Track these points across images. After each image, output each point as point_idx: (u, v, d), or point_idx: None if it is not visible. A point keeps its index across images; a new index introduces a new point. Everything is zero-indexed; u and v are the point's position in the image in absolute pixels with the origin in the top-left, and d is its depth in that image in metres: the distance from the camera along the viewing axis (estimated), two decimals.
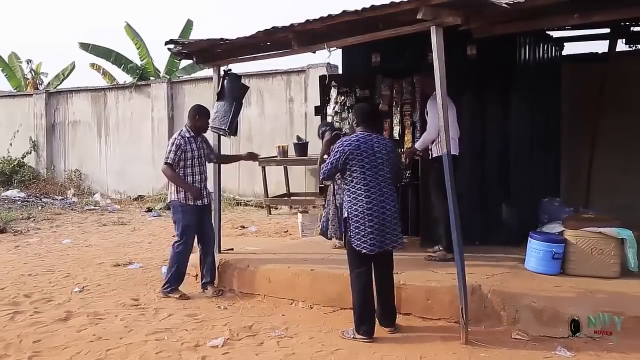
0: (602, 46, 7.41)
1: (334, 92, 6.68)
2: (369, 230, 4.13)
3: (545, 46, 6.82)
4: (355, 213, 4.18)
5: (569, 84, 7.30)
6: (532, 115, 6.35)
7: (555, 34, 7.04)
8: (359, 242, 4.15)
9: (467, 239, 5.91)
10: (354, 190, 4.21)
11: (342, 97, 6.67)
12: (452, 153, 5.30)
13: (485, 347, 4.01)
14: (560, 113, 7.28)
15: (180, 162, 5.36)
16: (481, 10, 4.41)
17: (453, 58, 4.42)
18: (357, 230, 4.16)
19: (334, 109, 6.70)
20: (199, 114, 5.51)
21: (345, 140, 4.30)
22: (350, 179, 4.22)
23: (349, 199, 4.24)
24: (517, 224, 5.99)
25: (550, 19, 4.79)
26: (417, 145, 5.74)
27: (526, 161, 6.24)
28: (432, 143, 5.62)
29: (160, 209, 11.52)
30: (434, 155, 5.64)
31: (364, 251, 4.15)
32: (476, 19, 4.53)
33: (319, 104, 7.26)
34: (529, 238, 5.13)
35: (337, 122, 6.60)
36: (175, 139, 5.41)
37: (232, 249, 6.13)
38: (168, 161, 5.34)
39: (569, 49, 7.49)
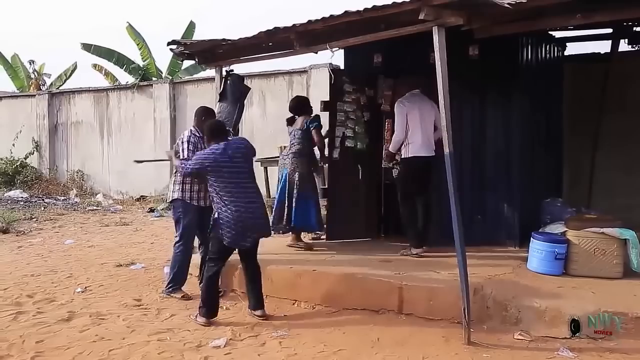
0: (604, 46, 7.40)
1: (348, 87, 6.63)
2: (228, 227, 4.57)
3: (548, 46, 6.81)
4: (223, 213, 4.62)
5: (571, 84, 7.29)
6: (534, 115, 6.35)
7: (558, 34, 7.03)
8: (224, 237, 4.60)
9: (470, 239, 5.98)
10: (217, 193, 4.63)
11: (356, 94, 6.64)
12: (421, 155, 5.61)
13: (488, 348, 4.00)
14: (562, 113, 7.26)
15: None
16: (483, 10, 4.40)
17: (455, 58, 4.41)
18: (223, 226, 4.58)
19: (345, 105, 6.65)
20: (206, 115, 5.49)
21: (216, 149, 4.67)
22: (213, 183, 4.64)
23: (217, 201, 4.65)
24: (519, 224, 5.99)
25: (552, 19, 4.79)
26: (390, 148, 5.93)
27: (528, 161, 6.23)
28: (402, 145, 5.71)
29: (163, 209, 11.53)
30: (402, 157, 5.76)
31: (225, 242, 4.63)
32: (478, 19, 4.53)
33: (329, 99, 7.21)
34: (532, 238, 5.13)
35: (352, 118, 6.59)
36: (189, 137, 5.33)
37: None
38: (185, 156, 5.22)
39: (571, 49, 7.49)
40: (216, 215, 4.64)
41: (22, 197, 13.07)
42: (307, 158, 6.11)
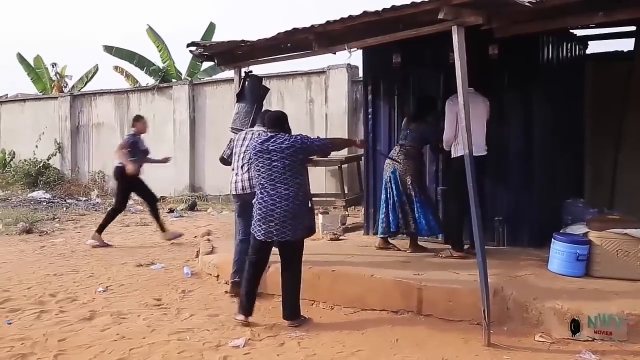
0: (627, 44, 7.28)
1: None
2: (258, 218, 4.55)
3: (569, 45, 6.72)
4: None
5: (593, 83, 7.19)
6: (555, 115, 6.27)
7: (579, 32, 6.94)
8: (253, 228, 4.61)
9: (490, 240, 5.94)
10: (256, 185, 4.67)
11: None
12: (478, 154, 5.37)
13: (508, 350, 3.97)
14: (584, 113, 7.17)
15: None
16: (503, 9, 4.37)
17: (475, 58, 4.38)
18: (254, 218, 4.61)
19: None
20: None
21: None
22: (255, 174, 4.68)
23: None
24: (539, 225, 5.93)
25: (573, 17, 4.71)
26: (445, 147, 5.80)
27: (549, 161, 6.16)
28: (452, 144, 5.65)
29: (182, 209, 11.62)
30: (452, 156, 5.68)
31: (255, 234, 4.59)
32: (498, 19, 4.50)
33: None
34: (553, 239, 5.07)
35: None
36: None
37: None
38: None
39: (593, 47, 7.38)
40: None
41: (44, 198, 13.26)
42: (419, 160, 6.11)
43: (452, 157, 5.71)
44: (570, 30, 6.65)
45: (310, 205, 4.68)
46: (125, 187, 8.21)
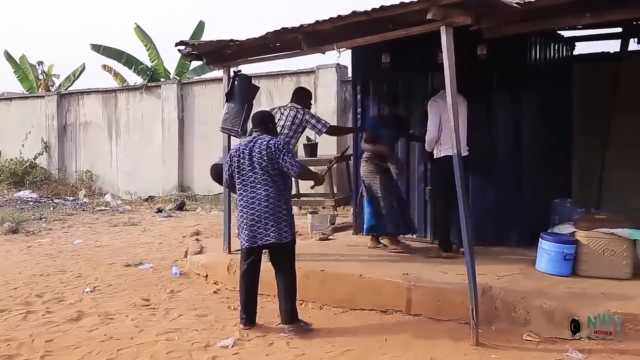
0: (614, 46, 7.34)
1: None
2: (243, 226, 4.49)
3: (556, 46, 6.77)
4: (239, 211, 4.56)
5: (580, 84, 7.24)
6: (543, 115, 6.31)
7: (567, 33, 6.99)
8: (239, 237, 4.55)
9: (478, 240, 5.96)
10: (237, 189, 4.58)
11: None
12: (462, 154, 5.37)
13: (496, 349, 3.99)
14: (571, 113, 7.22)
15: None
16: (491, 10, 4.39)
17: (463, 58, 4.40)
18: (238, 226, 4.54)
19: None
20: None
21: (232, 148, 4.68)
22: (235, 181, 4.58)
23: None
24: (528, 224, 5.96)
25: (561, 18, 4.75)
26: (426, 147, 5.83)
27: (537, 162, 6.20)
28: (435, 143, 5.67)
29: (171, 209, 11.57)
30: (435, 157, 5.71)
31: (240, 244, 4.55)
32: (486, 19, 4.52)
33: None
34: (540, 239, 5.11)
35: None
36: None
37: None
38: None
39: (581, 48, 7.43)
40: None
41: (31, 198, 13.14)
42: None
43: (435, 157, 5.75)
44: (558, 31, 6.70)
45: (290, 211, 4.58)
46: None
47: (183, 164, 13.23)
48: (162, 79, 15.01)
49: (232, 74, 6.00)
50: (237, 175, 4.53)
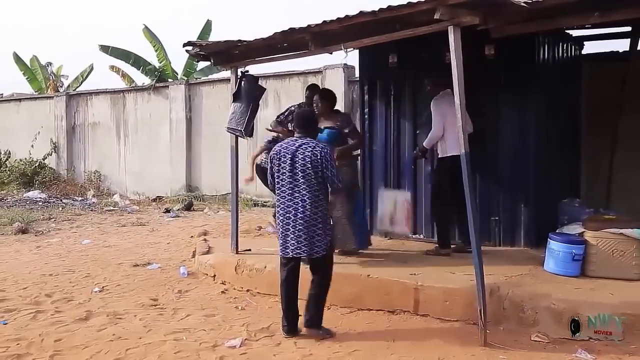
0: (622, 45, 7.30)
1: None
2: (284, 234, 4.31)
3: (565, 45, 6.74)
4: (278, 217, 4.41)
5: (589, 84, 7.20)
6: (550, 115, 6.29)
7: (575, 32, 6.95)
8: (280, 246, 4.37)
9: (486, 240, 5.95)
10: (277, 195, 4.40)
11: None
12: (456, 153, 5.41)
13: (504, 349, 3.98)
14: (579, 113, 7.19)
15: None
16: (499, 9, 4.38)
17: (471, 58, 4.39)
18: (279, 234, 4.39)
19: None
20: None
21: (274, 148, 4.46)
22: (276, 184, 4.40)
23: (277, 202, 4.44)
24: (536, 225, 5.94)
25: (569, 18, 4.73)
26: (425, 143, 5.89)
27: (545, 161, 6.17)
28: (437, 143, 5.69)
29: (179, 209, 11.60)
30: (440, 156, 5.73)
31: (281, 253, 4.37)
32: (494, 19, 4.51)
33: None
34: (549, 239, 5.08)
35: None
36: None
37: (250, 250, 6.16)
38: None
39: (589, 48, 7.40)
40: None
41: (40, 198, 13.22)
42: None
43: (440, 156, 5.77)
44: (566, 31, 6.67)
45: (327, 223, 4.37)
46: None
47: (191, 164, 13.27)
48: (169, 80, 15.07)
49: (239, 74, 6.01)
50: (276, 179, 4.36)
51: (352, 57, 9.32)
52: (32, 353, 4.06)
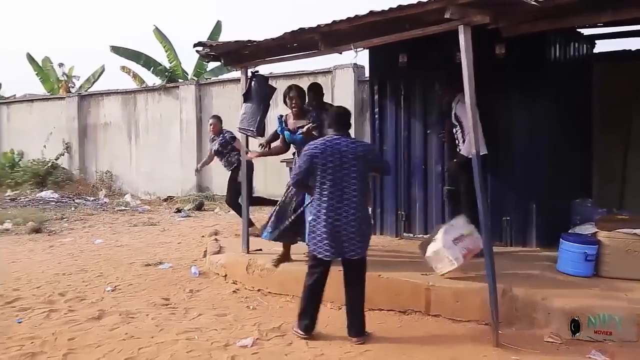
0: (635, 43, 7.24)
1: None
2: (324, 236, 4.12)
3: (576, 44, 6.70)
4: (315, 218, 4.20)
5: (601, 82, 7.15)
6: (562, 114, 6.25)
7: (586, 31, 6.90)
8: (315, 247, 4.20)
9: (497, 241, 5.93)
10: (317, 195, 4.19)
11: None
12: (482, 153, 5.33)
13: (517, 350, 3.96)
14: (591, 112, 7.13)
15: None
16: (509, 8, 4.35)
17: (481, 57, 4.37)
18: (313, 235, 4.20)
19: None
20: None
21: (311, 144, 4.25)
22: (315, 183, 4.19)
23: (314, 203, 4.26)
24: (548, 225, 5.91)
25: (581, 16, 4.70)
26: (466, 152, 5.53)
27: (557, 161, 6.14)
28: (460, 142, 5.63)
29: (189, 209, 11.65)
30: (466, 155, 5.65)
31: (319, 255, 4.19)
32: (504, 18, 4.48)
33: None
34: (561, 240, 5.06)
35: None
36: None
37: (261, 249, 6.17)
38: None
39: (601, 46, 7.34)
40: (309, 218, 4.34)
41: (53, 198, 13.33)
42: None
43: (467, 155, 5.66)
44: (578, 30, 6.62)
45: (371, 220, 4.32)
46: None
47: None
48: (180, 80, 15.13)
49: (249, 74, 6.03)
50: (319, 177, 4.13)
51: (362, 57, 9.32)
52: (46, 351, 4.10)
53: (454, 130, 5.79)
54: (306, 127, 5.32)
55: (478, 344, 4.08)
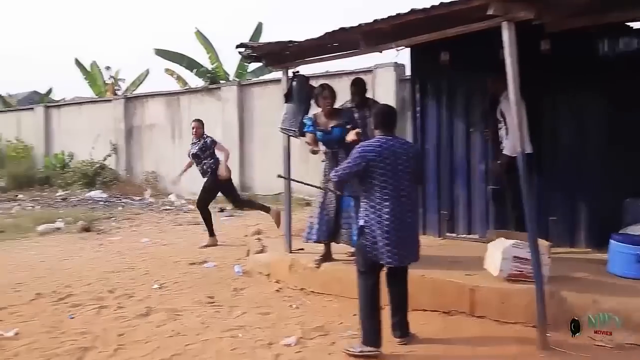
0: None
1: None
2: (387, 242, 3.89)
3: (627, 38, 6.46)
4: (373, 222, 3.93)
5: None
6: (612, 111, 6.04)
7: (637, 25, 6.65)
8: (375, 253, 3.94)
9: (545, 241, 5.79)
10: (372, 198, 3.95)
11: None
12: (528, 151, 5.21)
13: (565, 353, 3.86)
14: None
15: None
16: (554, 3, 4.25)
17: (525, 54, 4.28)
18: (374, 240, 3.93)
19: None
20: None
21: (366, 146, 4.01)
22: (369, 186, 3.96)
23: (366, 206, 3.99)
24: (598, 225, 5.74)
25: (630, 10, 4.55)
26: (509, 152, 5.49)
27: (607, 160, 5.94)
28: (505, 141, 5.53)
29: (232, 209, 11.79)
30: (511, 155, 5.54)
31: (380, 262, 3.97)
32: (549, 13, 4.37)
33: None
34: (611, 240, 4.90)
35: None
36: None
37: (303, 249, 6.20)
38: None
39: None
40: (362, 222, 4.08)
41: (101, 197, 13.75)
42: None
43: (512, 155, 5.56)
44: (627, 24, 6.39)
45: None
46: None
47: (243, 164, 13.48)
48: (222, 81, 15.35)
49: (290, 74, 6.07)
50: (376, 181, 3.91)
51: (402, 56, 9.26)
52: (97, 346, 4.23)
53: (499, 127, 5.69)
54: (354, 132, 5.21)
55: (524, 347, 4.00)
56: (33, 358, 4.02)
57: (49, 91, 23.66)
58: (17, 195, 14.37)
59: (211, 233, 8.12)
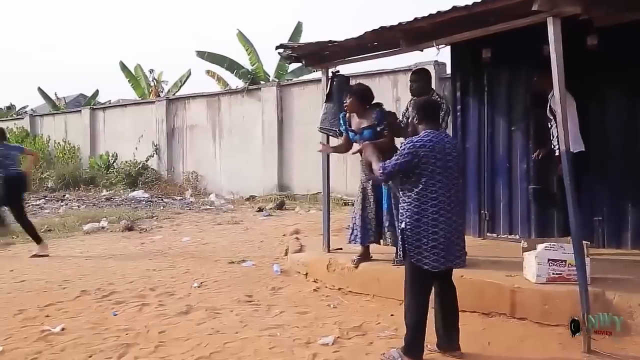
0: None
1: None
2: (433, 244, 3.61)
3: None
4: (418, 224, 3.64)
5: None
6: None
7: None
8: (420, 257, 3.65)
9: (589, 242, 5.61)
10: (418, 197, 3.65)
11: None
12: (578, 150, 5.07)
13: (610, 357, 3.73)
14: None
15: None
16: None
17: (571, 50, 4.15)
18: (417, 244, 3.64)
19: None
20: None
21: (417, 140, 3.69)
22: (416, 184, 3.66)
23: (410, 207, 3.68)
24: None
25: None
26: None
27: None
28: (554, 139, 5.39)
29: (271, 208, 11.90)
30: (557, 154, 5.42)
31: (425, 267, 3.65)
32: (597, 7, 4.23)
33: None
34: None
35: None
36: None
37: (341, 249, 6.19)
38: None
39: None
40: (403, 226, 3.77)
41: (144, 197, 14.06)
42: None
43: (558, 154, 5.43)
44: None
45: None
46: None
47: (282, 164, 13.57)
48: (262, 82, 15.49)
49: (330, 74, 6.07)
50: (426, 179, 3.62)
51: (443, 54, 9.14)
52: (139, 343, 4.31)
53: (549, 125, 5.55)
54: (363, 145, 4.74)
55: (567, 350, 3.88)
56: (78, 353, 4.12)
57: (96, 93, 24.35)
58: (64, 195, 14.83)
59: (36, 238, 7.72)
